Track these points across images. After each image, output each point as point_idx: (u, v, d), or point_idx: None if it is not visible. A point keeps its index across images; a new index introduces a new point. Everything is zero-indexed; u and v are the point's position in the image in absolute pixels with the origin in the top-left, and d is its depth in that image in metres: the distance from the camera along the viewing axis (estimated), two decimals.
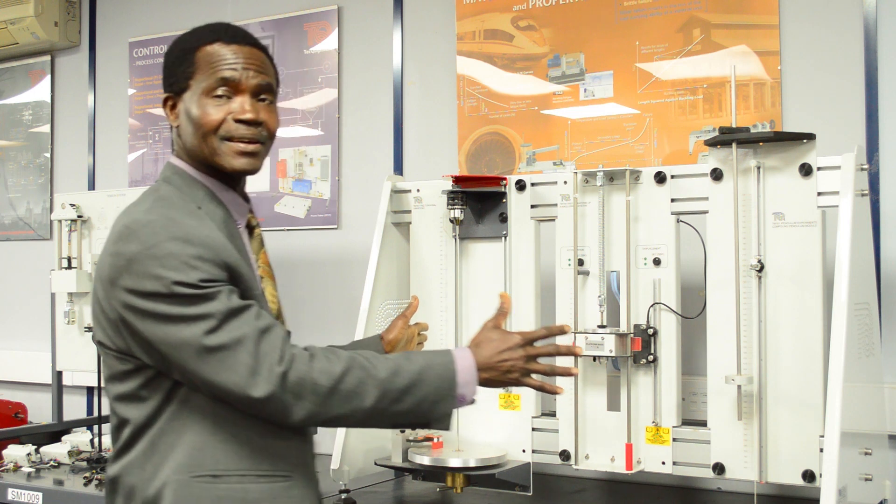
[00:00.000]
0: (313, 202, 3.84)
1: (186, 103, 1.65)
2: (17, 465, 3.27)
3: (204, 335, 1.49)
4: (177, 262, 1.50)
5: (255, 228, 1.75)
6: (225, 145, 1.64)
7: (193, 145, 1.65)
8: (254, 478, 1.58)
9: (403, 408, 1.56)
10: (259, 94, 1.67)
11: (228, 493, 1.56)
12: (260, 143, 1.67)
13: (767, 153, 2.33)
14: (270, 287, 1.74)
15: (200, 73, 1.64)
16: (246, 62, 1.66)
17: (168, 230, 1.53)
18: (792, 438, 2.27)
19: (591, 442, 2.50)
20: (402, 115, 3.65)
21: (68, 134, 4.58)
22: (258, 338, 1.51)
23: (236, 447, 1.57)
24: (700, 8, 3.08)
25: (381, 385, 1.54)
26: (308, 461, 1.69)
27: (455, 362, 1.60)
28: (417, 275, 2.78)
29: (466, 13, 3.51)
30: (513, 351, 1.64)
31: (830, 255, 2.23)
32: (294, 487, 1.63)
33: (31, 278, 4.53)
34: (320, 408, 1.52)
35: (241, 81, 1.64)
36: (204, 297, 1.50)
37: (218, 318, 1.50)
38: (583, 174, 2.53)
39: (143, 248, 1.51)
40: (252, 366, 1.49)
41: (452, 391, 1.58)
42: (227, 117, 1.63)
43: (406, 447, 2.59)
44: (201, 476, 1.56)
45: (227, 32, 1.69)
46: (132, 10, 4.38)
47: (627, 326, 2.44)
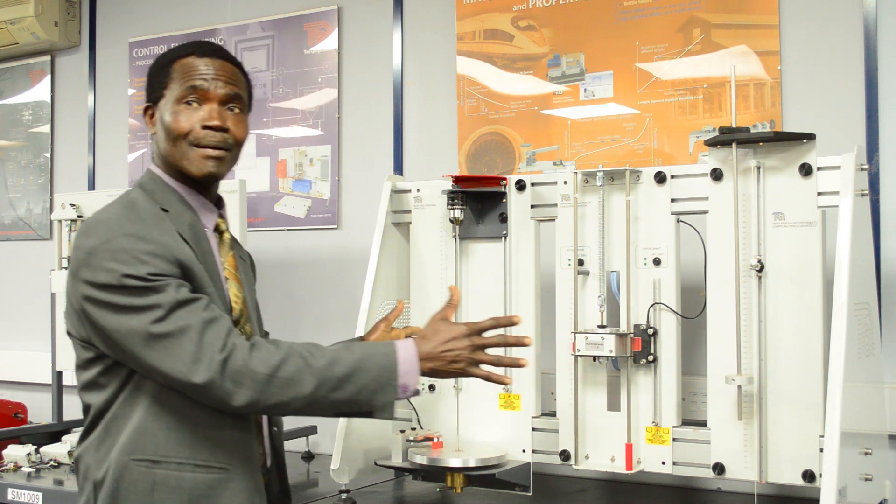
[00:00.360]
0: (313, 202, 3.84)
1: (161, 111, 1.78)
2: (17, 465, 3.27)
3: (151, 324, 1.59)
4: (128, 257, 1.61)
5: (224, 233, 1.85)
6: (193, 151, 1.75)
7: (166, 150, 1.77)
8: (191, 467, 1.66)
9: (343, 396, 1.62)
10: (227, 103, 1.78)
11: (164, 479, 1.65)
12: (226, 150, 1.77)
13: (767, 153, 2.33)
14: (235, 289, 1.82)
15: (174, 83, 1.76)
16: (216, 73, 1.77)
17: (122, 227, 1.65)
18: (792, 438, 2.27)
19: (591, 442, 2.50)
20: (402, 115, 3.65)
21: (68, 134, 4.58)
22: (203, 328, 1.60)
23: (177, 435, 1.66)
24: (700, 8, 3.08)
25: (319, 373, 1.61)
26: (252, 457, 1.73)
27: (396, 353, 1.66)
28: (417, 275, 2.78)
29: (466, 13, 3.51)
30: (458, 341, 1.69)
31: (830, 255, 2.23)
32: (231, 480, 1.69)
33: (31, 278, 4.53)
34: (260, 395, 1.59)
35: (210, 91, 1.76)
36: (152, 289, 1.60)
37: (165, 308, 1.60)
38: (583, 174, 2.53)
39: (99, 243, 1.63)
40: (195, 353, 1.58)
41: (393, 380, 1.63)
42: (195, 124, 1.74)
43: (406, 447, 2.59)
44: (141, 460, 1.65)
45: (201, 47, 1.81)
46: (132, 10, 4.38)
47: (627, 326, 2.44)
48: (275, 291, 3.88)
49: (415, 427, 2.68)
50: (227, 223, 1.87)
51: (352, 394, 1.62)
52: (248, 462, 1.72)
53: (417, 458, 2.54)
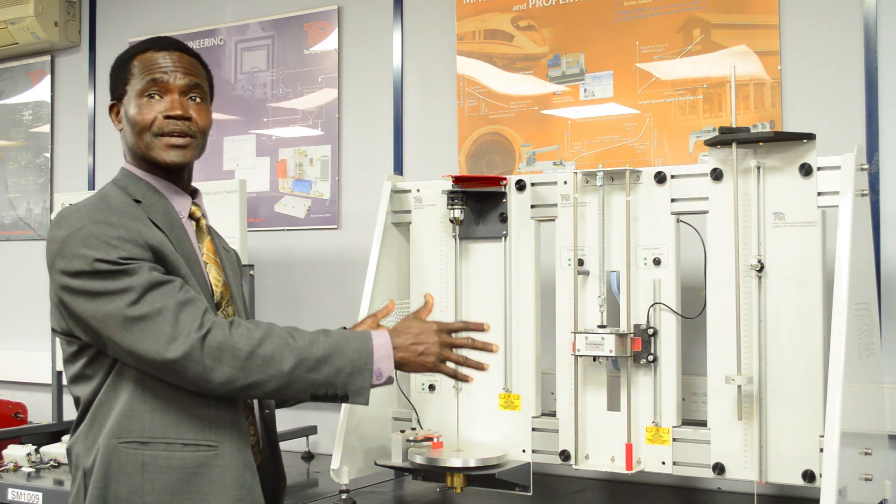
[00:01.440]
0: (313, 202, 3.84)
1: (125, 106, 1.84)
2: (17, 465, 3.27)
3: (126, 307, 1.62)
4: (98, 242, 1.64)
5: (200, 220, 1.89)
6: (157, 140, 1.80)
7: (133, 143, 1.83)
8: (179, 446, 1.69)
9: (320, 377, 1.66)
10: (188, 93, 1.83)
11: (153, 459, 1.67)
12: (190, 137, 1.82)
13: (767, 153, 2.33)
14: (215, 272, 1.86)
15: (134, 79, 1.82)
16: (174, 65, 1.82)
17: (92, 215, 1.69)
18: (792, 438, 2.27)
19: (591, 442, 2.50)
20: (402, 115, 3.65)
21: (68, 134, 4.58)
22: (178, 308, 1.63)
23: (163, 415, 1.68)
24: (700, 8, 3.08)
25: (298, 353, 1.64)
26: (240, 434, 1.75)
27: (372, 339, 1.71)
28: (417, 275, 2.78)
29: (466, 13, 3.51)
30: (428, 335, 1.76)
31: (830, 255, 2.23)
32: (220, 457, 1.71)
33: (31, 278, 4.53)
34: (239, 372, 1.62)
35: (170, 82, 1.81)
36: (124, 272, 1.63)
37: (139, 290, 1.63)
38: (583, 174, 2.53)
39: (70, 232, 1.67)
40: (171, 333, 1.61)
41: (368, 365, 1.69)
42: (157, 115, 1.80)
43: (406, 447, 2.59)
44: (129, 442, 1.67)
45: (157, 42, 1.86)
46: (132, 10, 4.38)
47: (627, 326, 2.44)
48: (275, 291, 3.88)
49: (415, 427, 2.68)
50: (202, 210, 1.91)
51: (328, 375, 1.66)
52: (236, 439, 1.74)
53: (417, 458, 2.54)
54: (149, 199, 1.80)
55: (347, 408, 2.63)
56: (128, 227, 1.68)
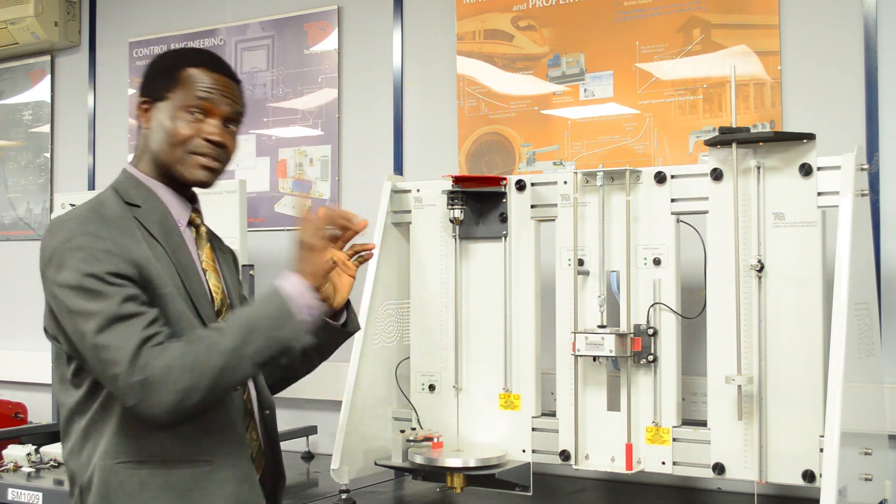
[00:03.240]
0: (313, 202, 3.84)
1: (161, 112, 1.82)
2: (17, 465, 3.27)
3: (93, 332, 1.62)
4: (85, 255, 1.65)
5: (200, 227, 1.90)
6: (190, 158, 1.80)
7: (159, 150, 1.82)
8: (176, 463, 1.69)
9: (255, 347, 1.65)
10: (228, 121, 1.85)
11: (151, 478, 1.68)
12: (220, 162, 1.85)
13: (767, 153, 2.33)
14: (214, 279, 1.86)
15: (180, 90, 1.81)
16: (223, 90, 1.84)
17: (82, 226, 1.68)
18: (792, 438, 2.27)
19: (591, 442, 2.50)
20: (402, 115, 3.65)
21: (68, 134, 4.58)
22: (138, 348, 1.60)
23: (157, 434, 1.68)
24: (700, 8, 3.08)
25: (221, 343, 1.64)
26: (236, 445, 1.76)
27: (278, 286, 1.72)
28: (417, 275, 2.78)
29: (466, 13, 3.51)
30: (307, 242, 1.77)
31: (830, 255, 2.22)
32: (216, 471, 1.72)
33: (31, 278, 4.49)
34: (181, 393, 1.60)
35: (216, 106, 1.82)
36: (101, 294, 1.63)
37: (108, 318, 1.62)
38: (583, 174, 2.53)
39: (60, 242, 1.67)
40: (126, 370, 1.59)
41: (288, 312, 1.69)
42: (196, 135, 1.80)
43: (406, 447, 2.59)
44: (125, 462, 1.68)
45: (212, 61, 1.87)
46: (132, 10, 4.38)
47: (627, 326, 2.44)
48: None
49: (415, 427, 2.68)
50: (201, 217, 1.91)
51: (261, 342, 1.66)
52: (232, 451, 1.74)
53: (417, 458, 2.54)
54: (148, 204, 1.80)
55: (347, 408, 2.63)
56: (116, 240, 1.68)
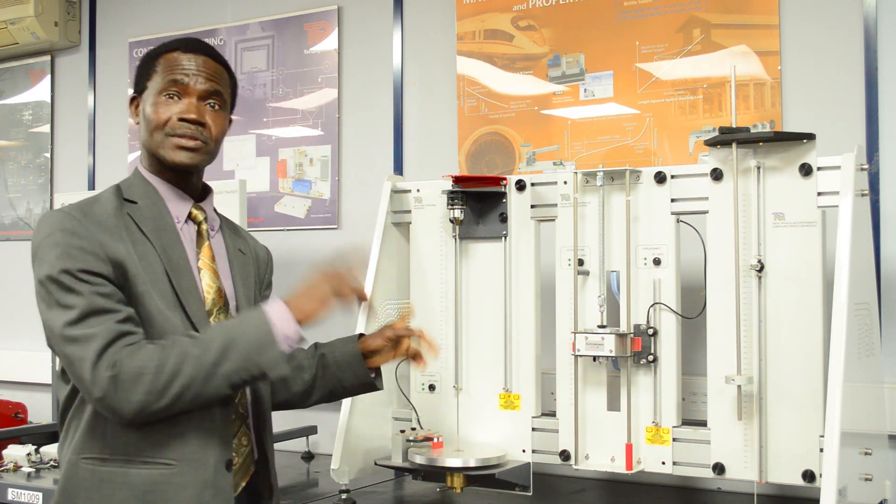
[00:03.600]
0: (313, 202, 3.84)
1: (144, 102, 1.85)
2: (17, 465, 3.27)
3: (65, 325, 1.64)
4: (60, 251, 1.67)
5: (202, 224, 1.89)
6: (168, 140, 1.81)
7: (144, 139, 1.84)
8: (139, 463, 1.70)
9: (230, 367, 1.66)
10: (207, 99, 1.84)
11: (111, 476, 1.69)
12: (201, 142, 1.82)
13: (767, 153, 2.33)
14: (208, 279, 1.85)
15: (157, 76, 1.83)
16: (198, 69, 1.83)
17: (62, 223, 1.70)
18: (792, 438, 2.27)
19: (591, 442, 2.50)
20: (402, 115, 3.65)
21: (68, 134, 4.58)
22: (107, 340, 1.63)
23: (122, 433, 1.69)
24: (700, 8, 3.08)
25: (199, 355, 1.65)
26: (204, 449, 1.73)
27: (266, 311, 1.72)
28: (417, 275, 2.78)
29: (466, 13, 3.51)
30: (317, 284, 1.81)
31: (830, 255, 2.22)
32: (177, 476, 1.71)
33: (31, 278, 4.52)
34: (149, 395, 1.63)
35: (190, 85, 1.82)
36: (76, 290, 1.65)
37: (80, 311, 1.64)
38: (583, 174, 2.53)
39: (42, 238, 1.71)
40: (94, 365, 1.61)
41: (271, 336, 1.69)
42: (172, 116, 1.80)
43: (406, 447, 2.58)
44: (89, 458, 1.71)
45: (187, 43, 1.86)
46: (132, 10, 4.38)
47: (627, 326, 2.44)
48: (275, 292, 3.86)
49: (415, 427, 2.68)
50: (205, 213, 1.89)
51: (237, 361, 1.67)
52: (199, 456, 1.72)
53: (417, 458, 2.53)
54: (145, 200, 1.81)
55: (347, 408, 2.63)
56: (92, 237, 1.69)
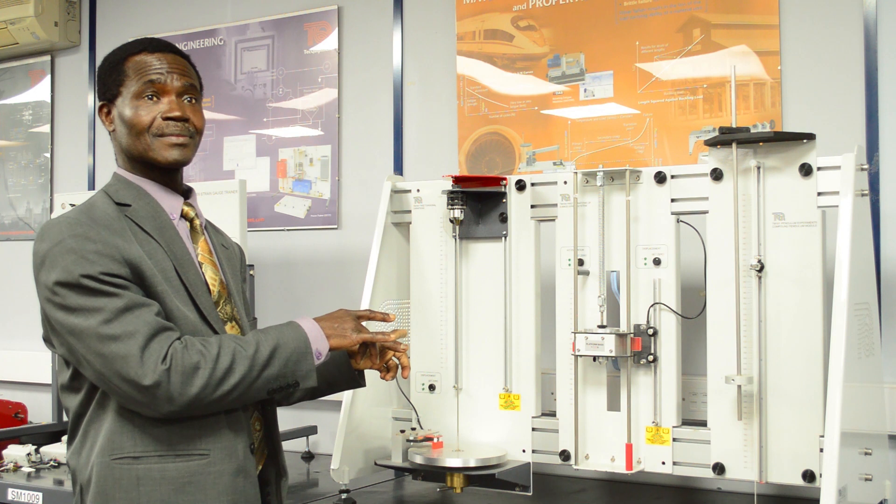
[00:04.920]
0: (313, 202, 3.84)
1: (119, 108, 1.84)
2: (17, 465, 3.27)
3: (99, 325, 1.65)
4: (76, 257, 1.67)
5: (194, 220, 1.91)
6: (157, 141, 1.82)
7: (129, 144, 1.84)
8: (172, 457, 1.72)
9: (273, 372, 1.73)
10: (183, 94, 1.86)
11: (147, 472, 1.71)
12: (188, 137, 1.85)
13: (767, 153, 2.33)
14: (210, 272, 1.88)
15: (129, 80, 1.83)
16: (170, 67, 1.85)
17: (72, 229, 1.70)
18: (792, 438, 2.27)
19: (591, 442, 2.50)
20: (402, 115, 3.65)
21: (68, 134, 4.58)
22: (149, 335, 1.65)
23: (152, 429, 1.71)
24: (700, 8, 3.08)
25: (250, 356, 1.71)
26: (231, 439, 1.78)
27: (301, 326, 1.82)
28: (417, 275, 2.78)
29: (466, 13, 3.51)
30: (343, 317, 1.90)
31: (830, 255, 2.23)
32: (212, 464, 1.74)
33: (31, 278, 4.51)
34: (205, 389, 1.67)
35: (167, 84, 1.84)
36: (102, 292, 1.66)
37: (113, 311, 1.65)
38: (583, 174, 2.53)
39: (51, 245, 1.69)
40: (140, 358, 1.63)
41: (309, 348, 1.79)
42: (156, 116, 1.82)
43: (406, 447, 2.59)
44: (121, 458, 1.71)
45: (151, 43, 1.88)
46: (132, 10, 4.39)
47: (627, 326, 2.44)
48: (275, 291, 3.88)
49: (415, 427, 2.68)
50: (195, 210, 1.93)
51: (279, 368, 1.74)
52: (229, 445, 1.77)
53: (417, 458, 2.54)
54: (138, 202, 1.82)
55: (347, 408, 2.63)
56: (106, 241, 1.70)
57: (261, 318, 3.39)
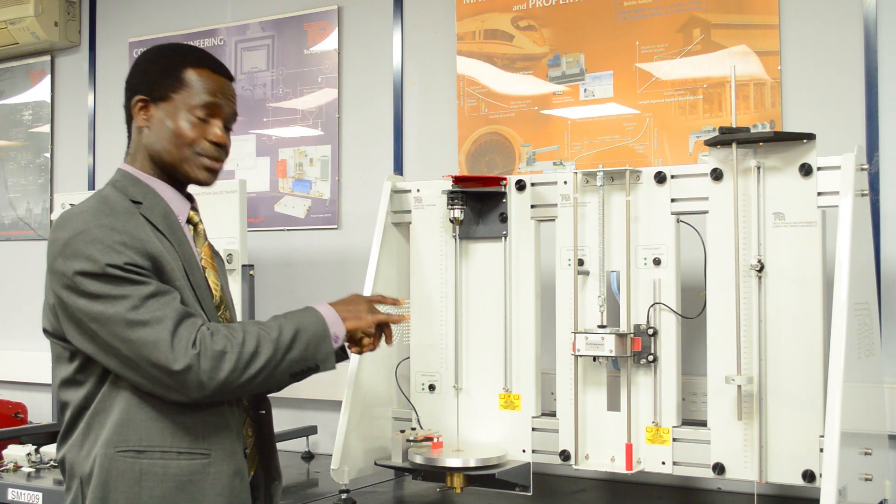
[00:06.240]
0: (313, 202, 3.84)
1: (165, 112, 1.85)
2: (17, 465, 3.27)
3: (127, 311, 1.65)
4: (102, 246, 1.67)
5: (198, 224, 1.94)
6: (197, 158, 1.86)
7: (161, 149, 1.85)
8: (175, 454, 1.73)
9: (296, 355, 1.75)
10: (228, 122, 1.92)
11: (150, 468, 1.71)
12: (221, 163, 1.92)
13: (767, 153, 2.33)
14: (213, 277, 1.91)
15: (187, 91, 1.85)
16: (227, 93, 1.91)
17: (98, 219, 1.71)
18: (792, 438, 2.27)
19: (591, 442, 2.50)
20: (402, 115, 3.65)
21: (68, 134, 4.58)
22: (177, 320, 1.67)
23: (158, 424, 1.72)
24: (700, 8, 3.08)
25: (274, 340, 1.73)
26: (231, 441, 1.79)
27: (319, 310, 1.84)
28: (417, 275, 2.78)
29: (466, 13, 3.51)
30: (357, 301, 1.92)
31: (830, 255, 2.23)
32: (212, 465, 1.75)
33: (31, 278, 4.52)
34: (233, 373, 1.68)
35: (221, 109, 1.89)
36: (128, 280, 1.67)
37: (139, 298, 1.66)
38: (583, 174, 2.53)
39: (74, 234, 1.69)
40: (170, 343, 1.65)
41: (327, 332, 1.81)
42: (201, 136, 1.85)
43: (406, 447, 2.59)
44: (125, 451, 1.71)
45: (213, 62, 1.91)
46: (132, 10, 4.38)
47: (627, 326, 2.44)
48: (275, 291, 3.88)
49: (415, 427, 2.68)
50: (199, 216, 1.95)
51: (301, 351, 1.76)
52: (227, 446, 1.78)
53: (417, 458, 2.54)
54: (149, 200, 1.83)
55: (347, 408, 2.63)
56: (131, 233, 1.71)
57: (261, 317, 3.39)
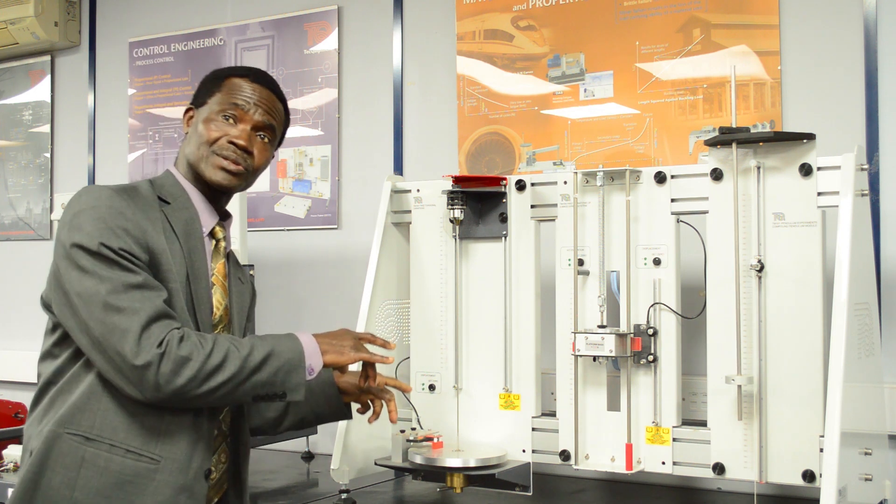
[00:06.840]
0: (313, 202, 3.84)
1: (199, 115, 1.91)
2: (17, 465, 3.26)
3: (107, 293, 1.65)
4: (104, 226, 1.69)
5: (220, 241, 1.94)
6: (213, 157, 1.87)
7: (190, 151, 1.89)
8: (122, 451, 1.71)
9: (262, 378, 1.72)
10: (259, 130, 1.91)
11: (93, 458, 1.70)
12: (243, 168, 1.89)
13: (767, 153, 2.33)
14: (219, 295, 1.90)
15: (219, 95, 1.90)
16: (259, 100, 1.90)
17: (111, 200, 1.72)
18: (792, 438, 2.27)
19: (591, 442, 2.50)
20: (402, 115, 3.65)
21: (68, 134, 4.58)
22: (152, 316, 1.66)
23: (115, 416, 1.71)
24: (700, 8, 3.08)
25: (242, 358, 1.71)
26: (188, 454, 1.76)
27: (300, 339, 1.80)
28: (417, 275, 2.78)
29: (466, 13, 3.51)
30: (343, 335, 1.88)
31: (830, 255, 2.23)
32: (159, 473, 1.72)
33: (31, 278, 4.53)
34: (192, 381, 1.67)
35: (248, 113, 1.89)
36: (119, 265, 1.68)
37: (123, 284, 1.66)
38: (583, 174, 2.53)
39: (85, 208, 1.71)
40: (138, 336, 1.64)
41: (302, 362, 1.77)
42: (223, 136, 1.87)
43: (406, 447, 2.58)
44: (74, 434, 1.70)
45: (256, 74, 1.94)
46: (132, 10, 4.38)
47: (627, 326, 2.44)
48: (275, 291, 3.88)
49: (415, 427, 2.68)
50: (225, 233, 1.95)
51: (269, 375, 1.73)
52: (181, 461, 1.75)
53: (417, 458, 2.54)
54: (178, 202, 1.85)
55: None
56: (137, 223, 1.72)
57: (261, 317, 3.39)
